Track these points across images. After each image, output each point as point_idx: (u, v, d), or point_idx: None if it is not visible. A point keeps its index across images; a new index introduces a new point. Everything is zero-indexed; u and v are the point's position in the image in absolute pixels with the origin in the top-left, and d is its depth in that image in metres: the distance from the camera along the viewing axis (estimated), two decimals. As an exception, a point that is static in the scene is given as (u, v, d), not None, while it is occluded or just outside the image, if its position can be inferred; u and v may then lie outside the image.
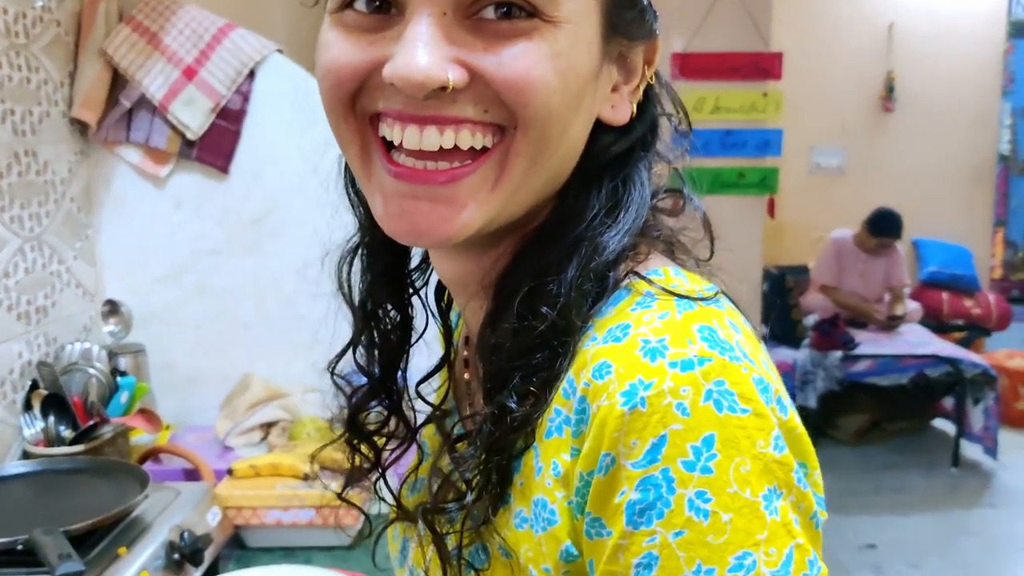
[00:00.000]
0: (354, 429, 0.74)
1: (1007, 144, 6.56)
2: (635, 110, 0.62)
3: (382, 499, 0.75)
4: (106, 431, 1.49)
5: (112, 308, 1.75)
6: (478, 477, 0.58)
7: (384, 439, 0.75)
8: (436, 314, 0.76)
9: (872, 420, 4.76)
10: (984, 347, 5.62)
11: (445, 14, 0.53)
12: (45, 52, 1.58)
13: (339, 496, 0.77)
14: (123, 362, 1.70)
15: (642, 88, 0.63)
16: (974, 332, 5.55)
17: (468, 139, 0.55)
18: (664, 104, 0.66)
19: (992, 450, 4.45)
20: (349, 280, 0.72)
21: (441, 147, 0.55)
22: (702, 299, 0.55)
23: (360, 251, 0.71)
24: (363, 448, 0.75)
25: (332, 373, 0.74)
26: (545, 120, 0.54)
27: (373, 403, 0.74)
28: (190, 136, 1.70)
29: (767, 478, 0.49)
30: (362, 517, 1.39)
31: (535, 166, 0.56)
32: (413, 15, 0.53)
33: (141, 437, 1.63)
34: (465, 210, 0.56)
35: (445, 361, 0.76)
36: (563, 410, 0.54)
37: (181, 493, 1.35)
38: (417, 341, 0.75)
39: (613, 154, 0.62)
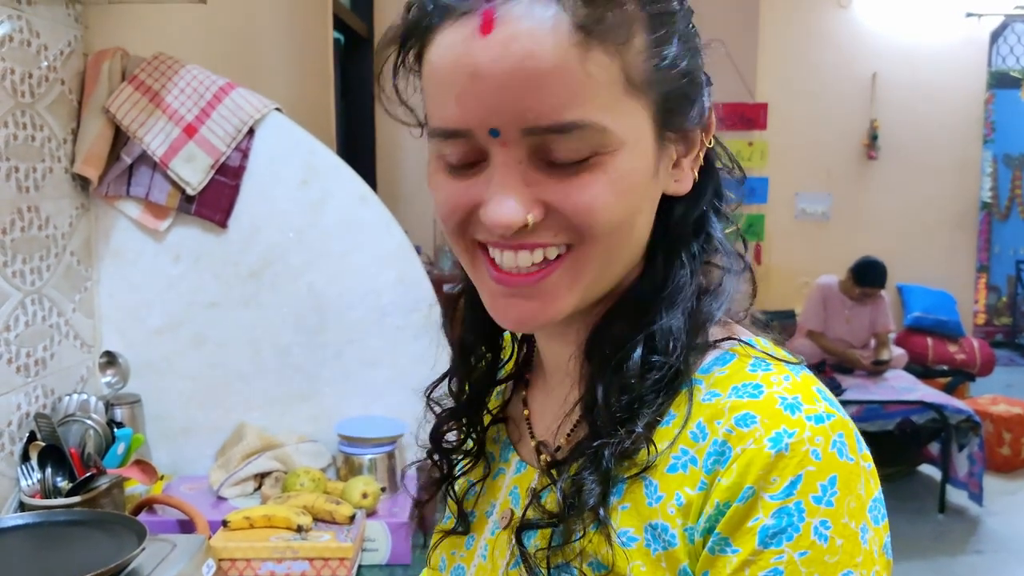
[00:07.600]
0: (436, 444, 0.85)
1: (989, 191, 6.67)
2: (697, 176, 0.71)
3: (451, 502, 0.85)
4: (102, 482, 1.51)
5: (110, 359, 1.77)
6: (572, 497, 0.66)
7: (459, 455, 0.86)
8: (516, 350, 0.86)
9: (859, 465, 4.78)
10: (968, 392, 5.67)
11: (520, 162, 0.62)
12: (49, 110, 1.62)
13: (417, 504, 0.86)
14: (119, 413, 1.73)
15: (702, 154, 0.71)
16: (958, 377, 5.60)
17: (542, 253, 0.65)
18: (721, 157, 0.75)
19: (978, 496, 4.48)
20: (452, 320, 0.85)
21: (532, 262, 0.66)
22: (798, 364, 0.68)
23: (464, 298, 0.83)
24: (440, 462, 0.86)
25: (428, 398, 0.86)
26: (607, 233, 0.64)
27: (452, 424, 0.85)
28: (190, 192, 1.74)
29: (863, 514, 0.61)
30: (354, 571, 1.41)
31: (608, 262, 0.67)
32: (497, 165, 0.63)
33: (136, 487, 1.65)
34: (553, 302, 0.67)
35: (516, 379, 0.86)
36: (690, 451, 0.64)
37: (177, 545, 1.36)
38: (500, 374, 0.87)
39: (689, 221, 0.71)
